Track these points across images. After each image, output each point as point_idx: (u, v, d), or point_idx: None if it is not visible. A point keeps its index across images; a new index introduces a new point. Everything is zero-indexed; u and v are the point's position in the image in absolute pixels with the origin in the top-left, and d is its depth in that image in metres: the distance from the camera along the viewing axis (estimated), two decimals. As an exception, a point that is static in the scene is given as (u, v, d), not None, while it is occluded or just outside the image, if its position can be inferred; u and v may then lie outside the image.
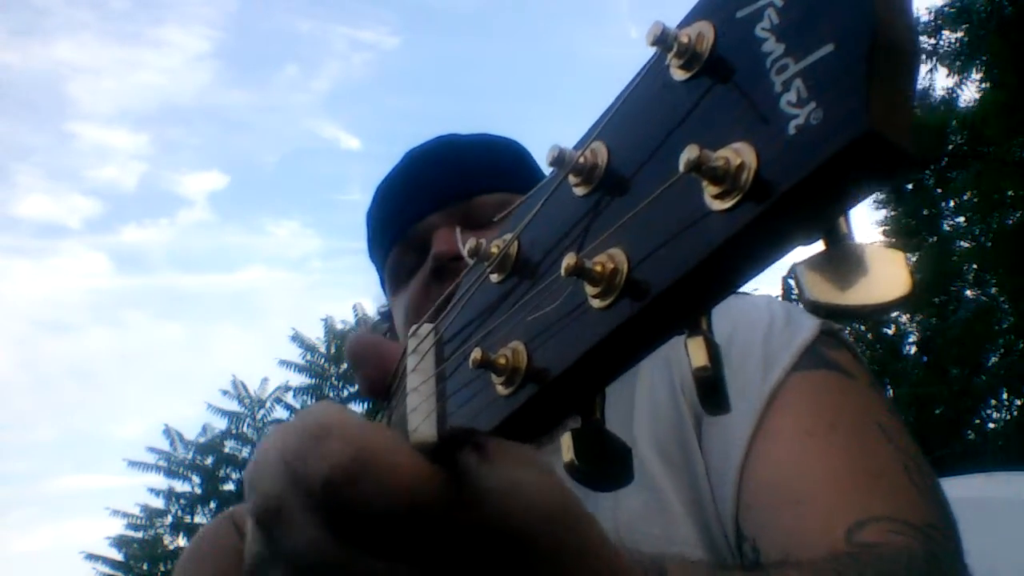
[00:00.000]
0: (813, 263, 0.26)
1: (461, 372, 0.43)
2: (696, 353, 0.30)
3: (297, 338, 10.44)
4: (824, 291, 0.26)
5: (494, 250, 0.41)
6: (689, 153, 0.27)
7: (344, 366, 10.48)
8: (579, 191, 0.35)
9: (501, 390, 0.38)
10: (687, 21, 0.31)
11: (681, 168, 0.27)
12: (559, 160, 0.35)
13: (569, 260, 0.31)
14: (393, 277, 1.09)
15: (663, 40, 0.30)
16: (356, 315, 10.74)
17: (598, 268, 0.32)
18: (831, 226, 0.26)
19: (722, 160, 0.26)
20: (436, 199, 1.03)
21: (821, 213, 0.26)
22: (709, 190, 0.27)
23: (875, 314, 0.26)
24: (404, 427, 0.46)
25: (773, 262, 0.28)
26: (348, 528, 0.40)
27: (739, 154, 0.26)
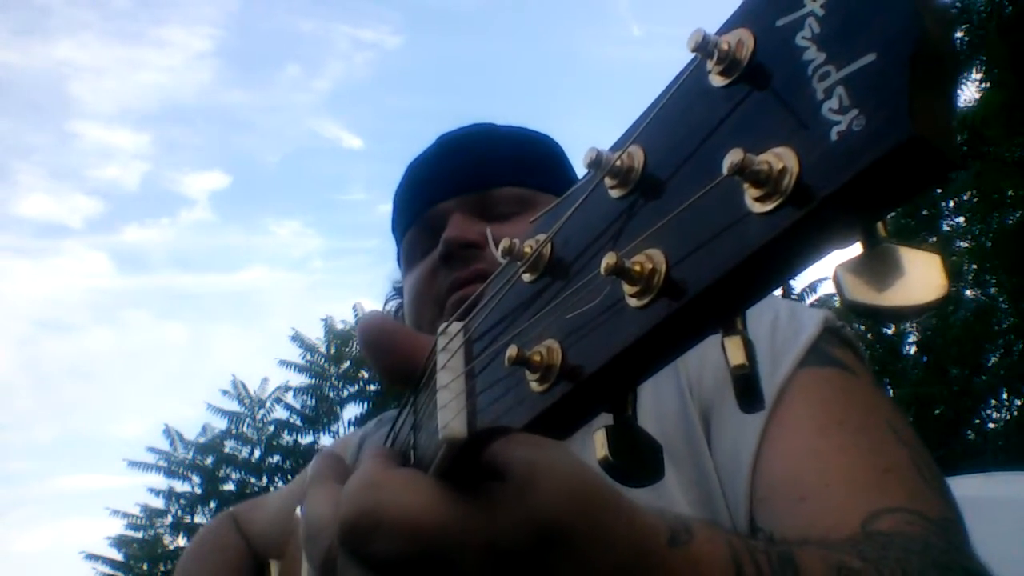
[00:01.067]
0: (852, 265, 0.27)
1: (492, 370, 0.44)
2: (734, 352, 0.31)
3: (297, 338, 10.44)
4: (863, 292, 0.27)
5: (527, 250, 0.41)
6: (733, 156, 0.27)
7: (344, 366, 10.48)
8: (615, 193, 0.36)
9: (535, 387, 0.39)
10: (726, 28, 0.31)
11: (725, 171, 0.28)
12: (596, 163, 0.36)
13: (609, 259, 0.32)
14: (407, 256, 1.12)
15: (703, 47, 0.31)
16: (356, 315, 10.74)
17: (637, 268, 0.33)
18: (870, 229, 0.27)
19: (764, 164, 0.27)
20: (455, 186, 1.05)
21: (862, 217, 0.27)
22: (750, 193, 0.28)
23: (912, 315, 0.27)
24: (434, 423, 0.47)
25: (811, 264, 0.29)
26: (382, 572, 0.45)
27: (781, 159, 0.27)
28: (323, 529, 0.49)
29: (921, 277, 0.27)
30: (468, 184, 1.05)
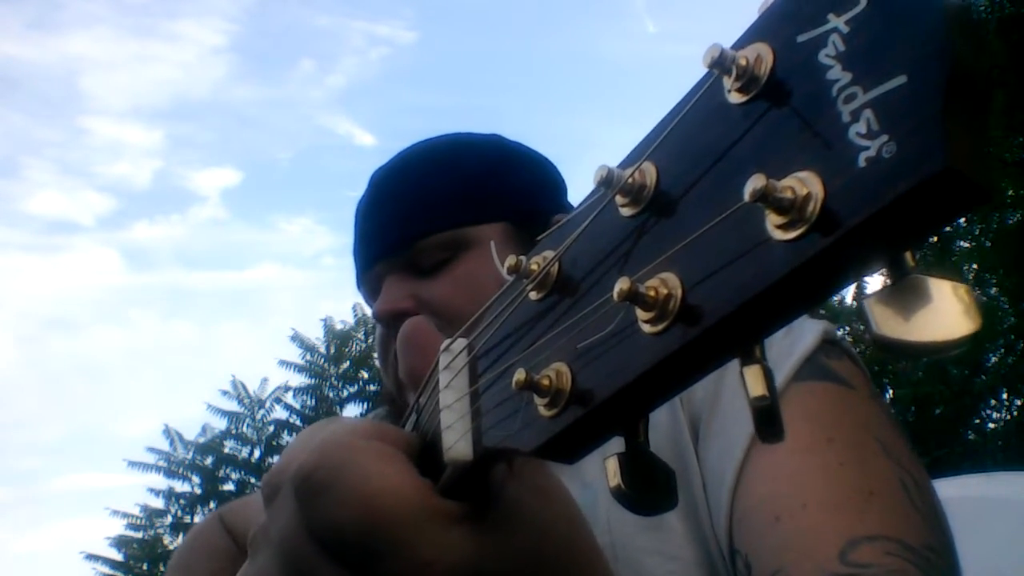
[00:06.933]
0: (881, 297, 0.26)
1: (497, 390, 0.43)
2: (753, 382, 0.30)
3: (297, 338, 10.43)
4: (892, 326, 0.25)
5: (534, 267, 0.40)
6: (755, 183, 0.26)
7: (344, 366, 10.47)
8: (626, 212, 0.35)
9: (544, 411, 0.37)
10: (743, 42, 0.30)
11: (746, 197, 0.26)
12: (607, 181, 0.34)
13: (623, 284, 0.31)
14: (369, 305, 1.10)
15: (720, 62, 0.29)
16: (356, 315, 10.73)
17: (651, 293, 0.31)
18: (898, 259, 0.26)
19: (788, 191, 0.26)
20: (382, 246, 1.01)
21: (889, 247, 0.26)
22: (772, 219, 0.27)
23: (941, 352, 0.25)
24: (437, 443, 0.46)
25: (835, 293, 0.28)
26: (317, 528, 0.44)
27: (804, 184, 0.26)
28: (287, 465, 0.47)
29: (951, 311, 0.25)
30: (393, 243, 1.00)
